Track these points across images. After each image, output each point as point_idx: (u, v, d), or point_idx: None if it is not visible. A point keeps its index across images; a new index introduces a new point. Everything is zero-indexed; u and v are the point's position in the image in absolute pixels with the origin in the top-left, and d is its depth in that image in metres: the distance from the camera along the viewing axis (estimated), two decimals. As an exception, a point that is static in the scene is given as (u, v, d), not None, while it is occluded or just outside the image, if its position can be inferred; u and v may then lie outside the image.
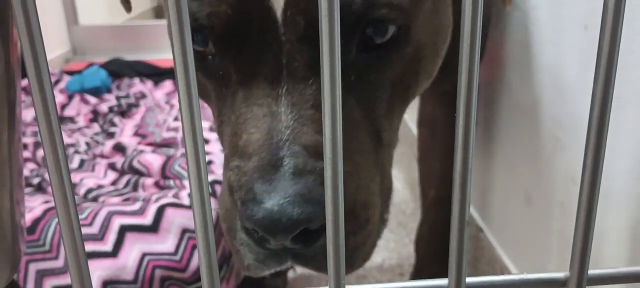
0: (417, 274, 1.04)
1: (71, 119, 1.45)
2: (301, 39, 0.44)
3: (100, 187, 1.03)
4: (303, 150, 0.43)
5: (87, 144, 1.28)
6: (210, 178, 0.99)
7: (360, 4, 0.44)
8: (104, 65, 1.82)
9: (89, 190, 1.01)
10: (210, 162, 1.05)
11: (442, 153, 0.91)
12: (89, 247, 0.80)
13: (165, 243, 0.83)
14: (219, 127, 0.51)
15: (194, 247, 0.84)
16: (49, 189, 1.02)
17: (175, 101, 1.55)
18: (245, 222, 0.42)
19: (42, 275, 0.80)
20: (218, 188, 0.96)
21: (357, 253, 0.48)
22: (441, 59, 0.56)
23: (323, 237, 0.43)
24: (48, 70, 0.23)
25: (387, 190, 0.53)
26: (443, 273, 0.97)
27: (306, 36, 0.44)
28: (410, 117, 1.29)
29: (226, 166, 0.48)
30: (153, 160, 1.08)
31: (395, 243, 1.23)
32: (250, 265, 0.46)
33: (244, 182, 0.43)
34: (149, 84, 1.74)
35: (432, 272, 1.00)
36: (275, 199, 0.41)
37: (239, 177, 0.44)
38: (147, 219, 0.84)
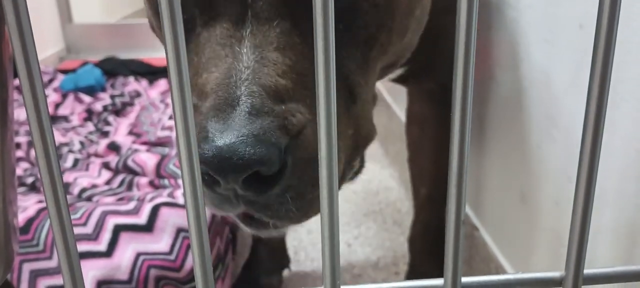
0: (411, 273, 1.04)
1: (65, 118, 1.44)
2: None
3: (94, 186, 1.03)
4: (262, 91, 0.42)
5: (81, 143, 1.27)
6: (205, 177, 0.99)
7: None
8: (99, 64, 1.81)
9: (83, 190, 1.01)
10: (205, 161, 1.04)
11: (432, 151, 0.91)
12: (83, 246, 0.80)
13: (159, 243, 0.82)
14: None
15: (189, 246, 0.84)
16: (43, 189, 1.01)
17: (169, 100, 1.55)
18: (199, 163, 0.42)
19: (36, 275, 0.80)
20: (213, 187, 0.96)
21: (312, 205, 0.46)
22: (417, 22, 0.56)
23: (278, 185, 0.42)
24: (39, 68, 0.23)
25: (364, 138, 0.52)
26: (438, 271, 0.98)
27: None
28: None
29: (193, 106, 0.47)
30: (147, 159, 1.08)
31: (391, 242, 1.23)
32: (210, 206, 0.45)
33: (198, 122, 0.42)
34: (144, 82, 1.73)
35: (426, 270, 1.01)
36: (227, 138, 0.39)
37: (195, 116, 0.43)
38: (141, 219, 0.84)
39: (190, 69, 0.47)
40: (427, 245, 0.99)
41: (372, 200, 1.41)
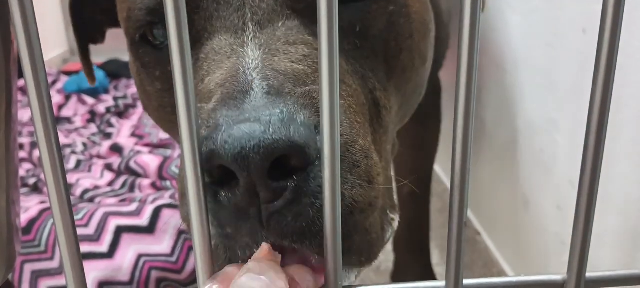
0: (396, 272, 1.05)
1: (68, 120, 1.45)
2: None
3: (96, 187, 1.03)
4: (278, 74, 0.36)
5: (84, 144, 1.27)
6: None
7: None
8: (102, 66, 1.82)
9: (85, 191, 1.01)
10: (207, 163, 1.04)
11: (413, 149, 0.92)
12: (85, 248, 0.80)
13: (161, 245, 0.82)
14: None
15: (190, 248, 0.84)
16: (45, 190, 1.02)
17: (172, 102, 1.55)
18: (206, 162, 0.29)
19: (37, 275, 0.80)
20: (215, 189, 0.96)
21: (361, 217, 0.35)
22: (432, 41, 0.54)
23: (310, 183, 0.31)
24: (45, 70, 0.23)
25: (388, 179, 0.44)
26: (421, 268, 0.97)
27: None
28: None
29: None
30: (150, 161, 1.08)
31: (389, 245, 1.23)
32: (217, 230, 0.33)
33: (204, 118, 0.33)
34: (147, 84, 1.74)
35: (410, 268, 1.01)
36: (243, 121, 0.31)
37: (203, 114, 0.35)
38: (143, 220, 0.84)
39: (197, 82, 0.41)
40: (410, 244, 1.01)
41: (374, 203, 1.41)
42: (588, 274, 0.28)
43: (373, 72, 0.45)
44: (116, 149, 1.20)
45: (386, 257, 1.19)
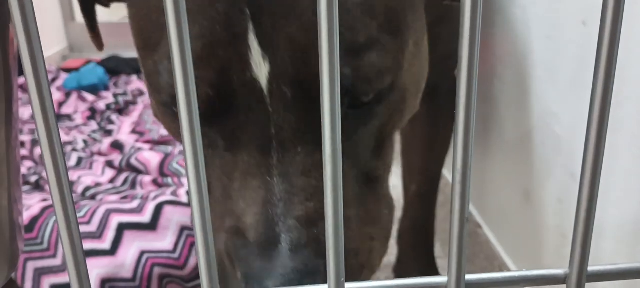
0: (399, 267, 1.05)
1: (69, 117, 1.45)
2: (288, 107, 0.45)
3: (98, 185, 1.03)
4: (297, 224, 0.46)
5: (85, 141, 1.27)
6: (209, 175, 0.99)
7: (349, 77, 0.44)
8: (102, 63, 1.82)
9: (87, 188, 1.01)
10: (208, 160, 1.04)
11: (422, 148, 0.92)
12: (87, 245, 0.80)
13: (163, 241, 0.83)
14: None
15: (193, 244, 0.84)
16: (47, 187, 1.02)
17: (173, 98, 1.55)
18: None
19: (40, 273, 0.80)
20: (216, 185, 0.96)
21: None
22: (422, 90, 0.56)
23: None
24: (45, 67, 0.23)
25: (387, 213, 0.55)
26: (424, 266, 0.97)
27: (293, 104, 0.45)
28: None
29: (220, 227, 0.49)
30: (151, 157, 1.08)
31: (394, 240, 1.23)
32: None
33: (244, 256, 0.46)
34: (147, 81, 1.74)
35: (414, 266, 1.02)
36: (275, 276, 0.44)
37: (238, 249, 0.47)
38: (145, 217, 0.84)
39: (219, 188, 0.49)
40: (414, 241, 1.01)
41: (375, 198, 1.41)
42: (590, 268, 0.28)
43: (365, 150, 0.50)
44: (117, 146, 1.20)
45: (388, 250, 1.19)
